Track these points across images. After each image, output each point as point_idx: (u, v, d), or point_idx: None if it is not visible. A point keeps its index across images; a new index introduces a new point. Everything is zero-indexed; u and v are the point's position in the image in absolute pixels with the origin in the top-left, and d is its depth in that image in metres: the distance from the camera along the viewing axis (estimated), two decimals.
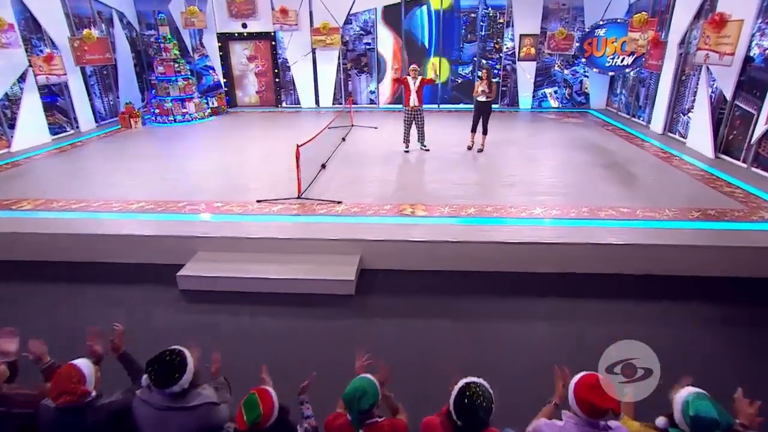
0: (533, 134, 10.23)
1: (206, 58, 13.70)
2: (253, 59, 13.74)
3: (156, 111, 12.20)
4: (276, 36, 13.30)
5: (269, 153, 8.51)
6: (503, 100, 13.48)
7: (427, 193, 6.38)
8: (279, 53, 13.49)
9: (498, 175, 7.19)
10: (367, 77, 13.58)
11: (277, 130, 10.89)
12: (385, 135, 10.00)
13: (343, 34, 13.04)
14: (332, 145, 9.07)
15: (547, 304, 4.52)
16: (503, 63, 13.09)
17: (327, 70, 13.50)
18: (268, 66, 13.77)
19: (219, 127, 11.70)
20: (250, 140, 9.94)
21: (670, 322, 4.23)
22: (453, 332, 4.13)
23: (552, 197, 6.19)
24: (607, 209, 5.79)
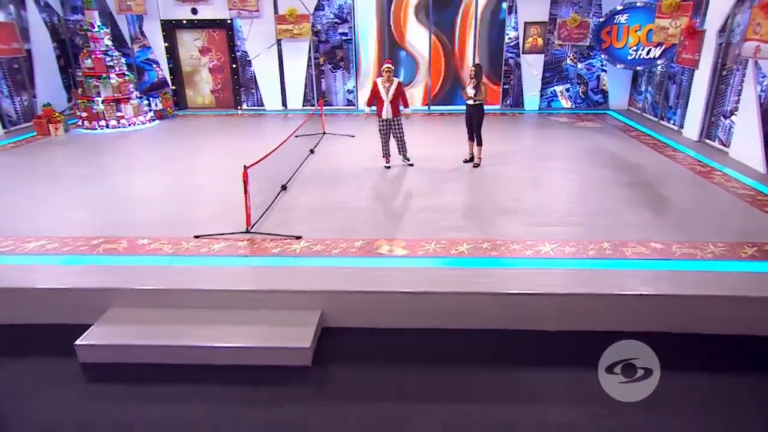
0: (541, 143, 10.17)
1: (148, 51, 13.49)
2: (207, 52, 13.71)
3: (83, 115, 11.71)
4: (233, 24, 13.23)
5: (221, 169, 8.21)
6: (505, 101, 13.61)
7: (409, 223, 6.15)
8: (237, 45, 13.42)
9: (497, 198, 7.01)
10: (343, 74, 13.58)
11: (235, 139, 10.78)
12: (363, 145, 9.85)
13: (313, 22, 13.06)
14: (298, 159, 8.89)
15: (565, 375, 4.10)
16: (505, 56, 13.15)
17: (295, 66, 13.47)
18: (224, 60, 13.74)
19: (163, 134, 11.53)
20: (200, 152, 9.81)
21: (723, 403, 3.81)
22: (440, 422, 3.70)
23: (564, 228, 5.93)
24: (635, 245, 5.50)
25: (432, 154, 9.12)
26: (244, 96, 13.96)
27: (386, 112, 7.82)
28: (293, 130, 9.27)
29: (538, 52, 12.96)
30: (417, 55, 13.12)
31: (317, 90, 13.72)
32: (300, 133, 9.98)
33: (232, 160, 8.11)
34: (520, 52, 13.07)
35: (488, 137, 9.12)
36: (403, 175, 8.10)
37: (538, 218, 6.28)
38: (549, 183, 7.64)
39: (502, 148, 9.62)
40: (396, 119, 7.94)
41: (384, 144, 8.23)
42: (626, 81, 13.11)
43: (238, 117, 13.24)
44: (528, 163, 8.70)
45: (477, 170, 8.29)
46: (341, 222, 6.20)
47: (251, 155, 6.59)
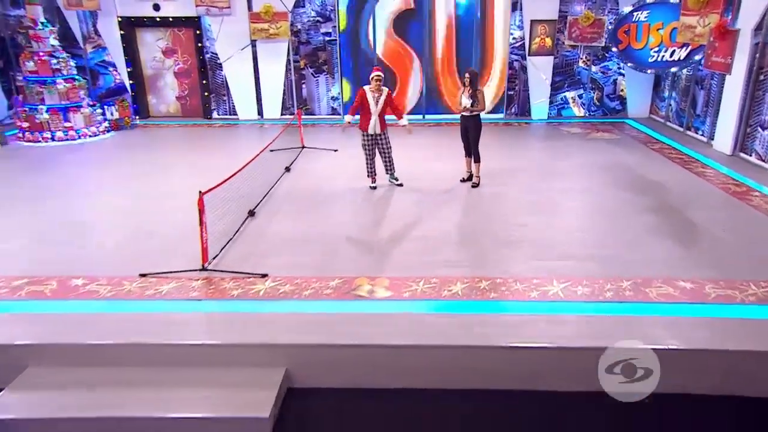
0: (549, 158, 10.07)
1: (103, 52, 13.37)
2: (171, 53, 13.70)
3: (24, 125, 11.45)
4: (201, 23, 13.21)
5: (183, 190, 7.90)
6: (510, 109, 13.59)
7: (395, 256, 5.98)
8: (206, 46, 13.42)
9: (498, 225, 6.86)
10: (327, 79, 13.59)
11: (202, 154, 10.69)
12: (347, 160, 9.78)
13: (293, 21, 13.07)
14: (271, 178, 8.75)
15: None
16: (509, 58, 13.13)
17: (272, 70, 13.44)
18: (191, 63, 13.73)
19: (117, 148, 11.39)
20: (160, 169, 9.63)
21: None
22: None
23: (576, 263, 5.75)
24: (660, 284, 5.30)
25: (424, 172, 9.06)
26: (215, 104, 13.93)
27: (373, 126, 7.74)
28: (268, 143, 9.22)
29: (547, 53, 12.92)
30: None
31: (297, 97, 13.71)
32: (276, 146, 9.89)
33: (196, 179, 7.84)
34: (526, 53, 12.97)
35: (488, 152, 9.13)
36: (390, 197, 8.01)
37: (546, 250, 6.11)
38: (558, 206, 7.53)
39: (504, 164, 9.54)
40: (383, 134, 7.88)
41: (369, 162, 8.15)
42: (647, 86, 13.10)
43: (207, 127, 13.20)
44: (534, 182, 8.60)
45: (475, 191, 8.20)
46: (316, 255, 6.04)
47: (219, 174, 6.54)
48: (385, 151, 8.06)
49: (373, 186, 8.26)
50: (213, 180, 6.11)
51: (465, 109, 7.83)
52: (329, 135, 12.36)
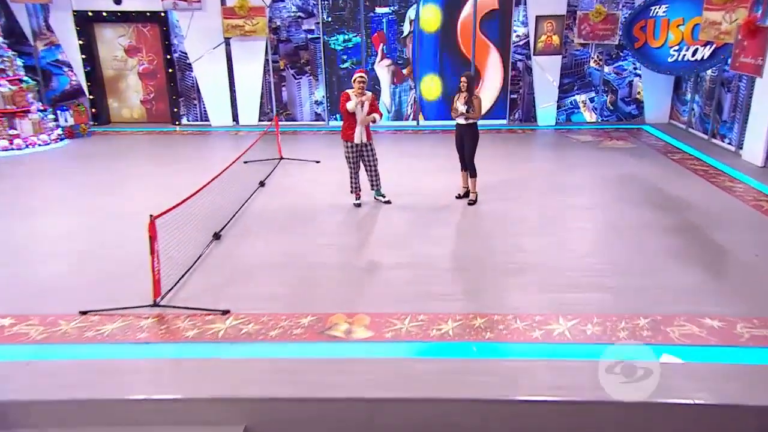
0: (556, 170, 10.02)
1: (57, 50, 13.20)
2: (135, 52, 13.61)
3: None
4: (168, 18, 13.12)
5: (141, 210, 7.18)
6: (513, 114, 13.55)
7: (378, 287, 5.85)
8: (174, 44, 13.31)
9: (496, 249, 6.76)
10: (310, 81, 13.54)
11: (168, 165, 10.58)
12: (329, 173, 9.71)
13: (271, 16, 13.02)
14: (242, 194, 8.63)
15: None
16: (512, 58, 13.10)
17: (249, 71, 13.36)
18: (158, 63, 13.63)
19: (71, 159, 11.19)
20: (117, 184, 9.50)
21: None
22: None
23: (586, 295, 5.62)
24: (683, 321, 5.12)
25: (416, 187, 9.00)
26: (184, 108, 13.81)
27: (359, 135, 7.74)
28: (240, 153, 9.11)
29: (554, 53, 12.86)
30: None
31: (277, 101, 13.61)
32: (250, 157, 9.82)
33: (158, 196, 7.84)
34: (531, 53, 12.91)
35: (488, 162, 9.05)
36: (375, 217, 7.93)
37: (551, 279, 5.95)
38: (565, 226, 7.44)
39: (505, 176, 9.47)
40: (369, 144, 7.90)
41: (353, 175, 8.13)
42: (666, 88, 13.03)
43: (174, 135, 13.09)
44: (539, 197, 8.54)
45: (472, 209, 8.11)
46: (288, 286, 5.91)
47: (185, 189, 6.48)
48: (370, 163, 8.04)
49: (358, 203, 8.19)
50: (177, 196, 6.01)
51: (460, 115, 7.80)
52: (312, 143, 12.30)
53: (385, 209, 8.17)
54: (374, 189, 8.26)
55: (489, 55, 13.21)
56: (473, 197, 8.25)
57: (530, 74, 13.20)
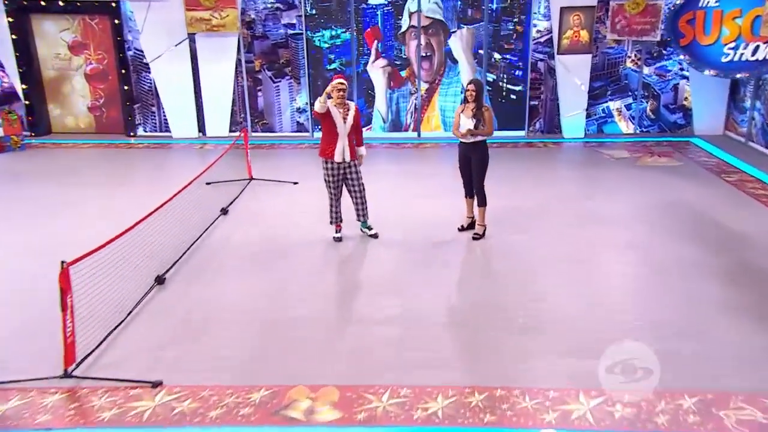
0: (584, 194, 9.93)
1: None
2: (81, 49, 13.63)
3: None
4: (120, 9, 13.15)
5: (73, 242, 7.01)
6: (533, 125, 13.56)
7: (352, 351, 5.64)
8: (128, 41, 13.35)
9: (506, 298, 6.57)
10: (291, 85, 13.60)
11: (117, 186, 10.54)
12: (308, 197, 9.66)
13: (244, 8, 13.09)
14: (201, 223, 8.56)
15: None
16: (532, 58, 13.05)
17: (218, 73, 13.38)
18: (109, 62, 13.68)
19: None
20: (49, 211, 9.32)
21: None
22: None
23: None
24: (741, 403, 4.78)
25: (410, 216, 8.89)
26: (140, 117, 13.81)
27: (341, 153, 7.69)
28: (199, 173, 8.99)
29: (583, 51, 12.76)
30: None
31: (252, 109, 13.64)
32: (214, 177, 9.84)
33: (98, 226, 7.71)
34: (555, 51, 12.82)
35: (499, 185, 9.05)
36: (360, 254, 7.84)
37: (571, 340, 5.71)
38: (593, 269, 7.26)
39: (520, 203, 9.35)
40: (354, 164, 7.88)
41: (334, 202, 8.02)
42: (721, 93, 12.96)
43: (128, 149, 13.14)
44: (560, 230, 8.37)
45: (478, 245, 7.99)
46: (243, 347, 5.68)
47: (134, 216, 6.59)
48: (355, 187, 7.95)
49: (338, 237, 8.10)
50: (120, 227, 6.05)
51: (466, 134, 7.67)
52: (291, 160, 12.31)
53: (372, 245, 8.05)
54: (360, 219, 8.16)
55: None
56: (480, 230, 8.09)
57: (554, 77, 13.10)
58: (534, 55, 13.10)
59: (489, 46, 13.17)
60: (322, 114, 7.55)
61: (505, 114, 13.43)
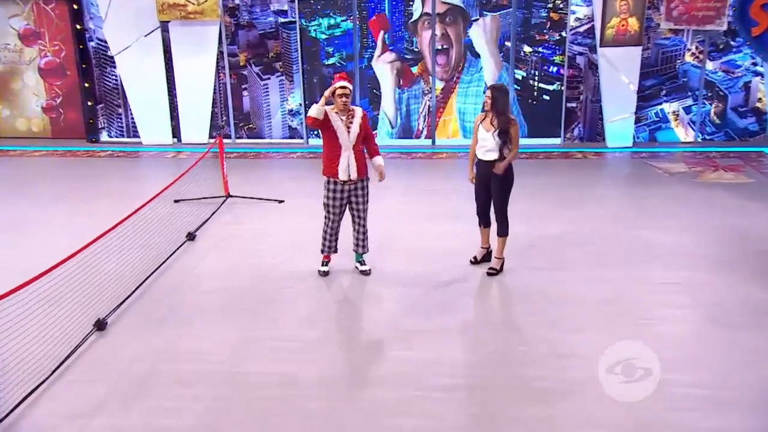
0: (630, 219, 9.64)
1: None
2: (35, 39, 13.73)
3: None
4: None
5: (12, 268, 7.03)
6: (571, 131, 13.60)
7: (333, 421, 5.41)
8: (90, 30, 13.50)
9: (526, 354, 6.35)
10: (282, 83, 13.64)
11: (74, 203, 10.48)
12: (293, 221, 9.60)
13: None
14: (161, 252, 8.44)
15: None
16: (569, 51, 13.09)
17: (195, 69, 13.44)
18: (67, 55, 13.74)
19: None
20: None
21: None
22: None
23: None
24: None
25: (417, 245, 8.76)
26: (104, 120, 13.90)
27: (346, 170, 7.59)
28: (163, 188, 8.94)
29: (631, 43, 12.63)
30: None
31: (236, 111, 13.74)
32: (184, 194, 9.92)
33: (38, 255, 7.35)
34: (597, 43, 12.72)
35: (524, 206, 9.05)
36: (353, 295, 7.65)
37: (610, 414, 5.40)
38: (640, 317, 6.91)
39: (549, 230, 9.13)
40: (363, 183, 7.78)
41: (331, 227, 7.92)
42: None
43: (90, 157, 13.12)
44: (600, 266, 8.11)
45: (494, 282, 7.79)
46: (189, 417, 5.41)
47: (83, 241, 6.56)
48: (360, 212, 7.87)
49: (324, 270, 7.97)
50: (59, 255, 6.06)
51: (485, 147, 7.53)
52: (280, 172, 12.40)
53: (364, 283, 7.86)
54: (359, 251, 8.08)
55: None
56: (497, 264, 7.92)
57: (596, 73, 13.04)
58: (572, 48, 13.08)
59: (518, 36, 13.12)
60: (320, 123, 7.48)
61: (537, 118, 13.40)
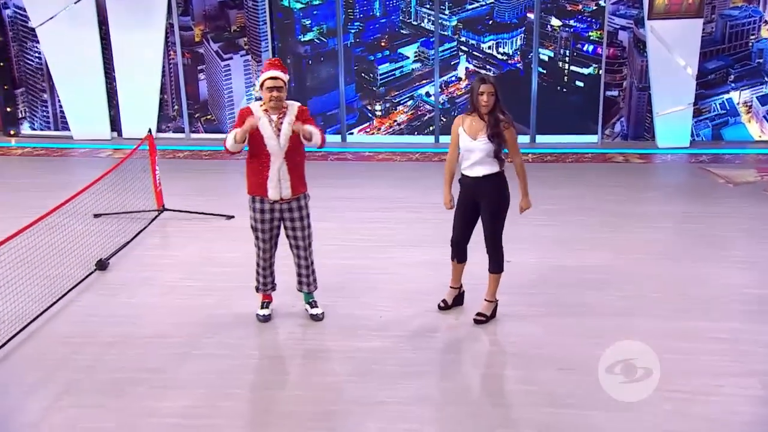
0: (677, 248, 9.07)
1: None
2: None
3: None
4: None
5: None
6: (611, 127, 13.29)
7: None
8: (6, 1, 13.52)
9: None
10: (247, 64, 13.64)
11: None
12: (242, 243, 8.88)
13: None
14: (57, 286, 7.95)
15: None
16: (607, 26, 12.86)
17: (139, 44, 13.41)
18: None
19: None
20: None
21: None
22: None
23: None
24: None
25: (383, 280, 8.26)
26: (25, 108, 13.95)
27: (276, 186, 7.19)
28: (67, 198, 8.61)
29: (690, 15, 12.37)
30: None
31: (190, 98, 13.69)
32: (107, 206, 9.78)
33: None
34: (645, 15, 12.43)
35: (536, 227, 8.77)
36: (293, 351, 7.17)
37: None
38: (677, 388, 6.17)
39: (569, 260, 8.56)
40: (298, 203, 7.35)
41: (263, 258, 7.53)
42: None
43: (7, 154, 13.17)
44: (630, 311, 7.42)
45: (483, 333, 7.17)
46: None
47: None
48: (299, 240, 7.42)
49: (264, 315, 7.46)
50: None
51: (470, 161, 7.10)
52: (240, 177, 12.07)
53: (315, 332, 7.25)
54: (303, 289, 7.58)
55: None
56: (487, 309, 7.29)
57: (643, 54, 12.75)
58: (613, 21, 12.85)
59: (543, 6, 12.95)
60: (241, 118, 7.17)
61: (567, 111, 13.20)
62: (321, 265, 7.75)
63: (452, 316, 7.45)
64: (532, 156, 12.51)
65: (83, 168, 12.50)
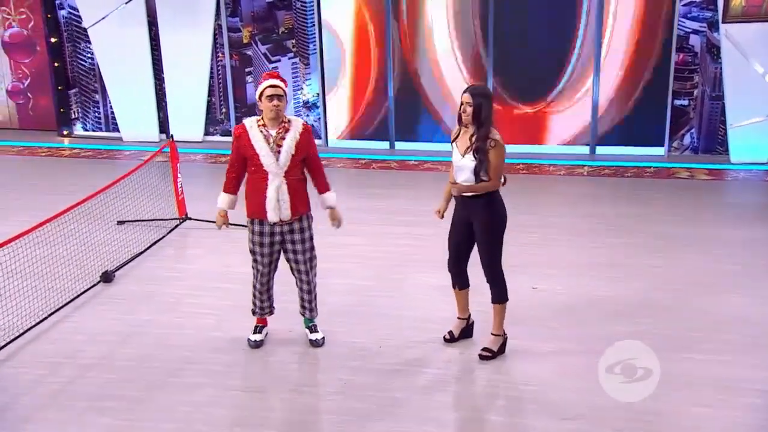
0: (744, 280, 8.49)
1: None
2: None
3: None
4: None
5: None
6: (678, 139, 13.04)
7: None
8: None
9: None
10: (295, 67, 13.70)
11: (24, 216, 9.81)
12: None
13: None
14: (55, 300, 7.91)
15: None
16: (677, 29, 12.51)
17: (187, 46, 13.46)
18: (36, 26, 13.94)
19: None
20: None
21: None
22: None
23: None
24: None
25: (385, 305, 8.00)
26: (77, 109, 13.95)
27: (275, 207, 6.98)
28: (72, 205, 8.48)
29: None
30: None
31: (237, 102, 13.76)
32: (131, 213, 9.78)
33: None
34: (720, 18, 11.98)
35: (577, 253, 8.67)
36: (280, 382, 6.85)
37: None
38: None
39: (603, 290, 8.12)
40: (300, 224, 7.15)
41: (261, 284, 7.37)
42: None
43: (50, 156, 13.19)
44: (666, 345, 6.88)
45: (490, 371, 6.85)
46: None
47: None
48: (300, 264, 7.26)
49: (257, 340, 7.29)
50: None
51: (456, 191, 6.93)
52: None
53: (306, 361, 7.09)
54: (305, 314, 7.41)
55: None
56: (494, 344, 6.97)
57: (717, 60, 12.34)
58: (683, 24, 12.44)
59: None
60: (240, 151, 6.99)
61: (630, 120, 12.97)
62: (334, 285, 7.75)
63: (457, 350, 7.11)
64: (588, 169, 12.11)
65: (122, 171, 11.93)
